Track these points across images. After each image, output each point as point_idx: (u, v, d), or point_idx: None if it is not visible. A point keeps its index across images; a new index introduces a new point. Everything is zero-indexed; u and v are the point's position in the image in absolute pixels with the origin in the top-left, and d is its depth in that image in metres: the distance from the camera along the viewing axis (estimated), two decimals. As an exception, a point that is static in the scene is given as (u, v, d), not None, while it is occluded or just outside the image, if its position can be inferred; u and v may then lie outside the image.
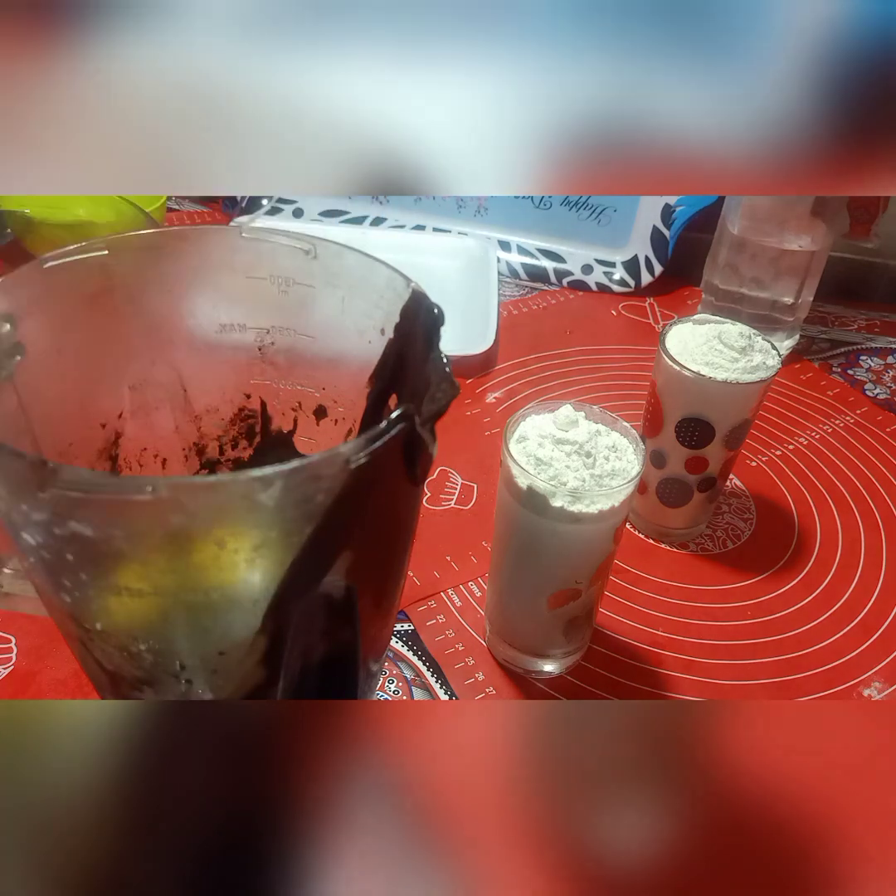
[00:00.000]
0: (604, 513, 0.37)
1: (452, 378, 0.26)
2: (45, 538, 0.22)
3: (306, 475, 0.22)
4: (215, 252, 0.32)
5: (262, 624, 0.25)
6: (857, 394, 0.69)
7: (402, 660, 0.45)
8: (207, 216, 0.86)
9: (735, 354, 0.47)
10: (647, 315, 0.77)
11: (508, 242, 0.81)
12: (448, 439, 0.60)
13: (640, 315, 0.77)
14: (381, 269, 0.30)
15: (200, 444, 0.37)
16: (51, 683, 0.42)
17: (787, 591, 0.51)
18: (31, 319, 0.29)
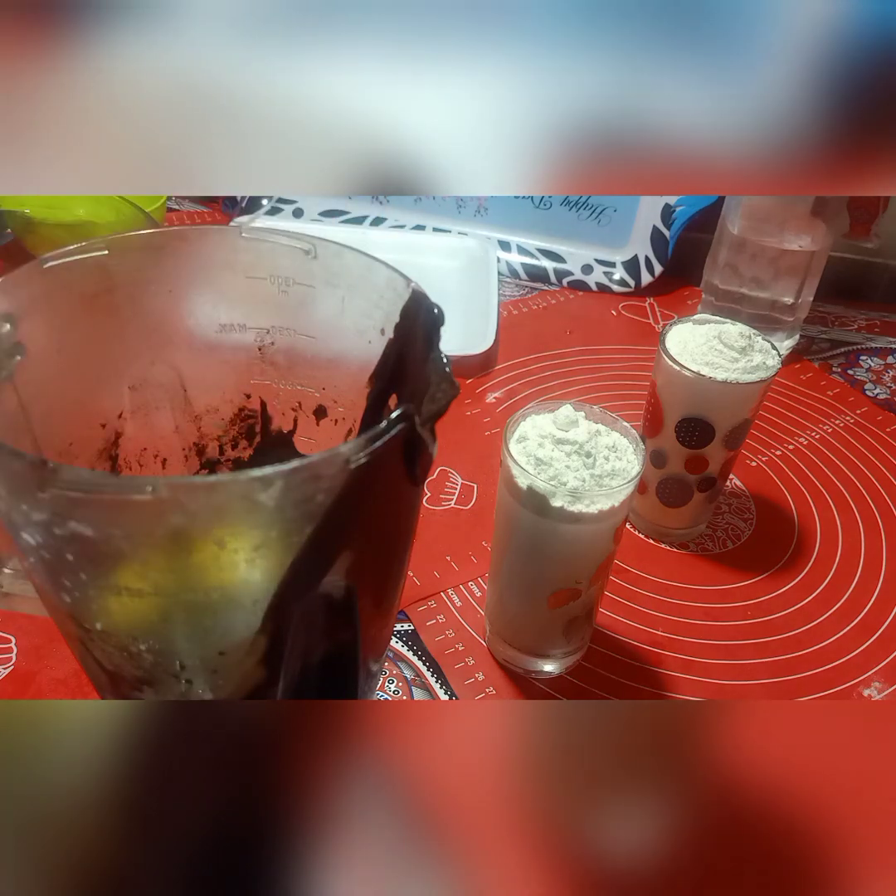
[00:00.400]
0: (604, 513, 0.37)
1: (452, 378, 0.26)
2: (45, 538, 0.22)
3: (306, 475, 0.22)
4: (215, 252, 0.32)
5: (262, 624, 0.25)
6: (857, 394, 0.69)
7: (402, 660, 0.45)
8: (207, 216, 0.86)
9: (735, 354, 0.47)
10: (647, 315, 0.77)
11: (508, 242, 0.81)
12: (448, 439, 0.60)
13: (640, 315, 0.77)
14: (380, 269, 0.30)
15: (200, 444, 0.37)
16: (51, 683, 0.42)
17: (787, 591, 0.51)
18: (31, 319, 0.29)
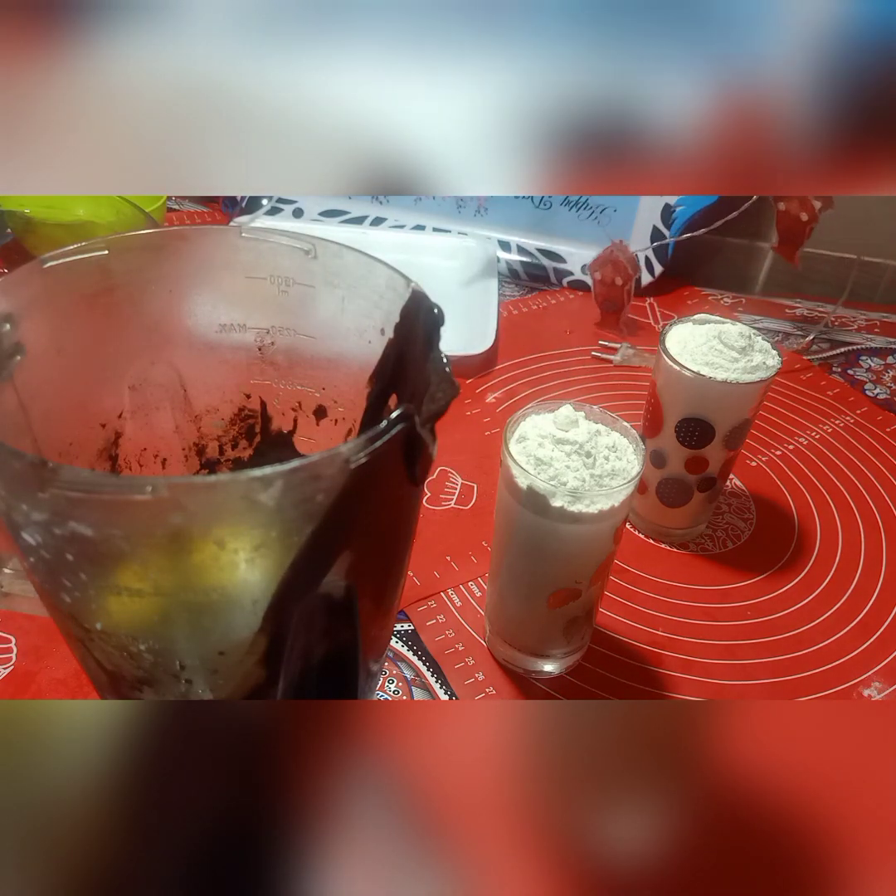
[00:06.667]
0: (604, 513, 0.37)
1: (452, 378, 0.26)
2: (45, 538, 0.22)
3: (306, 475, 0.22)
4: (215, 252, 0.32)
5: (262, 624, 0.25)
6: (857, 394, 0.69)
7: (402, 660, 0.45)
8: (207, 216, 0.86)
9: (735, 354, 0.47)
10: (647, 315, 0.77)
11: (508, 242, 0.81)
12: (448, 439, 0.60)
13: (640, 315, 0.77)
14: (380, 269, 0.30)
15: (200, 444, 0.37)
16: (51, 683, 0.42)
17: (787, 591, 0.51)
18: (31, 319, 0.29)
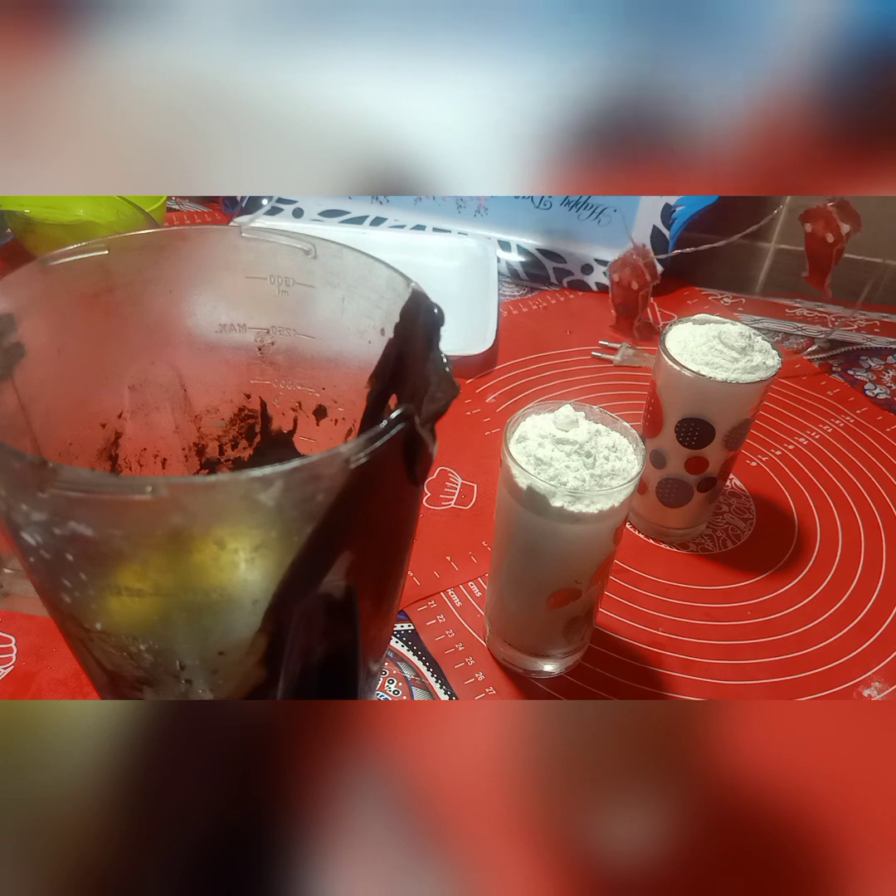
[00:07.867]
0: (604, 513, 0.37)
1: (452, 378, 0.26)
2: (45, 538, 0.22)
3: (306, 475, 0.22)
4: (215, 252, 0.32)
5: (262, 624, 0.25)
6: (857, 394, 0.69)
7: (402, 660, 0.45)
8: (207, 216, 0.86)
9: (735, 354, 0.47)
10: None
11: (508, 242, 0.81)
12: (448, 439, 0.60)
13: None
14: (380, 269, 0.30)
15: (200, 444, 0.37)
16: (51, 683, 0.42)
17: (787, 591, 0.51)
18: (31, 319, 0.29)
